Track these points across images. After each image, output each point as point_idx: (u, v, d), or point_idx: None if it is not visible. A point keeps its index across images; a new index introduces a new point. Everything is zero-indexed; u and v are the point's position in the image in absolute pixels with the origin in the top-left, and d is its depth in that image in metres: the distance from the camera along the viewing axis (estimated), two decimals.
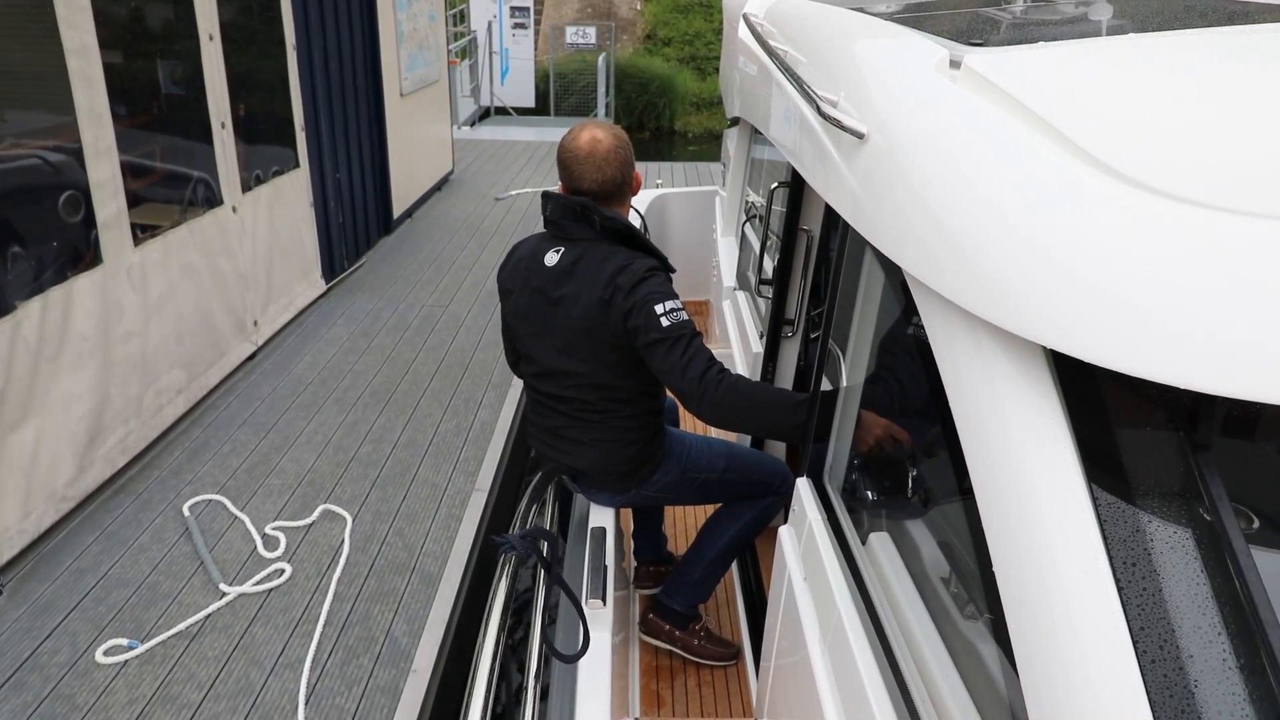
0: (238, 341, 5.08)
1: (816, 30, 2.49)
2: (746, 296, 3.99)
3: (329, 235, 6.38)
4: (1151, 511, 1.00)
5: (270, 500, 3.93)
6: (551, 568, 2.25)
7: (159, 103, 4.36)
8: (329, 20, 6.27)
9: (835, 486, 2.01)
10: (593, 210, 2.41)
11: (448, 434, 4.50)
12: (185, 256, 4.51)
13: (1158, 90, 1.32)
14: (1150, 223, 0.99)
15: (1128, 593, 0.96)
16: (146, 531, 3.70)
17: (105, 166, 3.82)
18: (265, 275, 5.39)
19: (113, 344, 3.95)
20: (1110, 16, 2.08)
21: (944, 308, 1.28)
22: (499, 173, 10.16)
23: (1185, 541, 0.98)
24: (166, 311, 4.35)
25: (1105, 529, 0.99)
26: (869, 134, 1.61)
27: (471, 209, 8.64)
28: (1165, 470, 1.03)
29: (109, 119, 3.83)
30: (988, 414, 1.16)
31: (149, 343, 4.22)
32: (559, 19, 19.70)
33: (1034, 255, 1.08)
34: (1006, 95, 1.34)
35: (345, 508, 3.88)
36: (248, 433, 4.48)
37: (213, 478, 4.08)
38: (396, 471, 4.17)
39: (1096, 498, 1.02)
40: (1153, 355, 0.94)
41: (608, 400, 2.51)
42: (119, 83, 3.97)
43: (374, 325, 5.82)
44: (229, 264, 4.94)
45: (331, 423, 4.59)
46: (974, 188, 1.25)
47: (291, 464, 4.21)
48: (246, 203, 5.11)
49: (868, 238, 1.59)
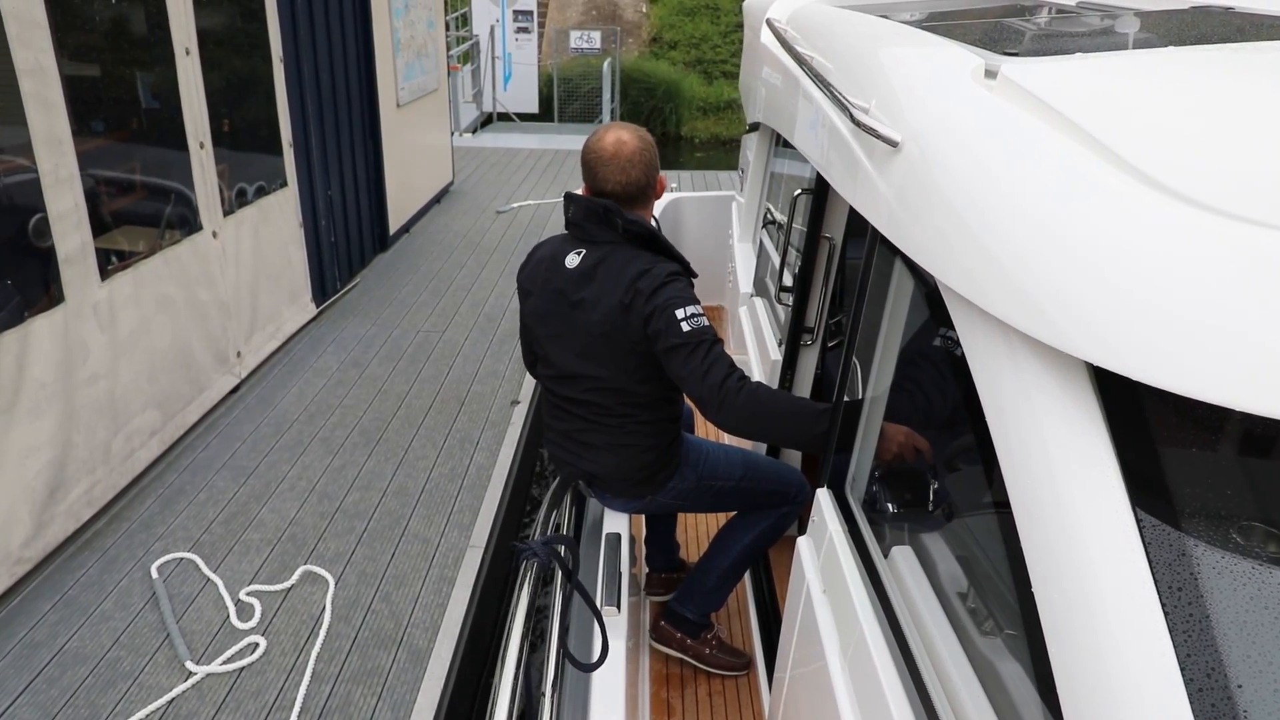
0: (219, 375, 4.77)
1: (845, 37, 2.45)
2: (764, 303, 3.93)
3: (320, 256, 6.06)
4: (1198, 535, 0.98)
5: (247, 559, 3.60)
6: (573, 576, 2.25)
7: (130, 124, 4.04)
8: (320, 30, 5.95)
9: (857, 498, 1.99)
10: (615, 213, 2.37)
11: (441, 480, 4.18)
12: (160, 288, 4.19)
13: (1201, 103, 1.29)
14: (1197, 237, 0.97)
15: (1174, 618, 0.93)
16: (110, 597, 3.38)
17: (66, 197, 3.51)
18: (250, 303, 5.07)
19: (76, 388, 3.64)
20: (1138, 30, 2.08)
21: (982, 321, 1.26)
22: (500, 183, 9.83)
23: (1233, 567, 0.96)
24: (138, 349, 4.03)
25: (1150, 553, 0.97)
26: (903, 142, 1.58)
27: (471, 223, 8.32)
28: (1212, 493, 1.01)
29: (70, 144, 3.51)
30: (1027, 431, 1.13)
31: (118, 384, 3.90)
32: (563, 22, 19.38)
33: (1077, 268, 1.06)
34: (1046, 105, 1.31)
35: (328, 568, 3.56)
36: (226, 478, 4.16)
37: (186, 531, 3.76)
38: (385, 524, 3.84)
39: (1141, 520, 0.99)
40: (1200, 373, 0.92)
41: (625, 405, 2.48)
42: (83, 104, 3.65)
43: (366, 353, 5.50)
44: (209, 293, 4.62)
45: (317, 466, 4.27)
46: (1014, 199, 1.22)
47: (272, 515, 3.89)
48: (229, 226, 4.80)
49: (901, 247, 1.56)
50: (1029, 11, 3.09)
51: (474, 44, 14.22)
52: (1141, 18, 2.26)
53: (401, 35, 7.49)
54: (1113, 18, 2.36)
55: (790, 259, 3.47)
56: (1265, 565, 0.96)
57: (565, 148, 11.66)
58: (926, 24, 2.41)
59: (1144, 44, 1.87)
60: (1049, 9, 3.01)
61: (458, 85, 12.33)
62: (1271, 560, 0.96)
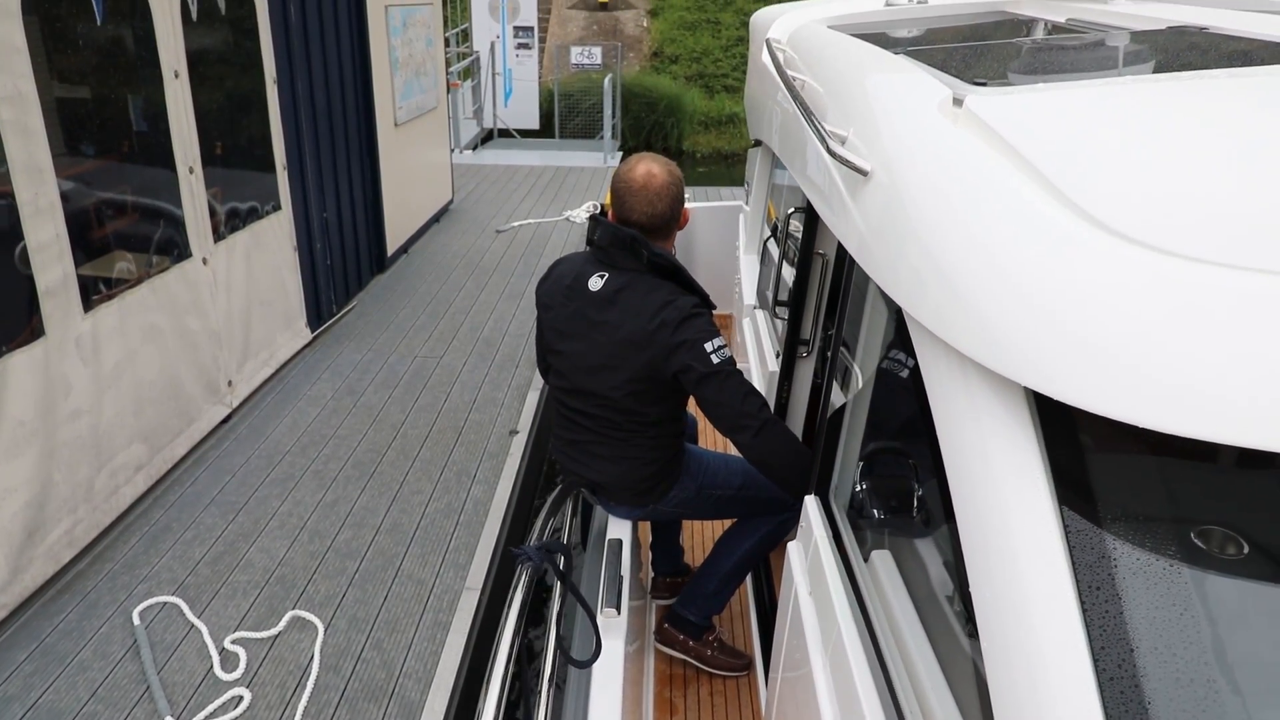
0: (210, 405, 4.63)
1: (833, 63, 2.53)
2: (765, 315, 4.04)
3: (315, 279, 5.93)
4: (1118, 537, 1.07)
5: (233, 603, 3.46)
6: (566, 579, 2.33)
7: (116, 149, 3.92)
8: (315, 50, 5.83)
9: (840, 504, 2.08)
10: (642, 244, 2.45)
11: (437, 516, 4.04)
12: (147, 318, 4.06)
13: (1148, 139, 1.36)
14: (1126, 271, 1.04)
15: (1091, 614, 1.02)
16: (89, 645, 3.23)
17: (47, 227, 3.38)
18: (242, 330, 4.93)
19: (57, 425, 3.50)
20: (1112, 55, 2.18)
21: (935, 343, 1.34)
22: (501, 201, 9.72)
23: (1148, 566, 1.04)
24: (124, 382, 3.90)
25: (1074, 555, 1.06)
26: (873, 171, 1.65)
27: (471, 242, 8.19)
28: (1132, 501, 1.11)
29: (51, 173, 3.38)
30: (970, 444, 1.23)
31: (102, 419, 3.77)
32: (564, 38, 19.32)
33: (1018, 299, 1.14)
34: (1001, 139, 1.38)
35: (317, 612, 3.41)
36: (214, 515, 4.01)
37: (170, 573, 3.61)
38: (378, 565, 3.70)
39: (1067, 525, 1.08)
40: (1124, 399, 0.99)
41: (633, 422, 2.57)
42: (65, 130, 3.53)
43: (361, 380, 5.36)
44: (199, 322, 4.49)
45: (308, 502, 4.13)
46: (966, 229, 1.29)
47: (261, 555, 3.74)
48: (219, 252, 4.67)
49: (868, 272, 1.63)
50: (1020, 28, 3.22)
51: (474, 60, 14.14)
52: (1120, 40, 2.38)
53: (399, 54, 7.38)
54: (1093, 40, 2.48)
55: (785, 274, 3.58)
56: (1177, 564, 1.05)
57: (566, 164, 11.55)
58: (915, 47, 2.50)
59: (1114, 71, 2.00)
60: (1043, 25, 3.16)
61: (458, 101, 12.23)
62: (1182, 560, 1.05)
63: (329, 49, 6.08)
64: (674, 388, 2.50)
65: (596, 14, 20.33)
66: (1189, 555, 1.05)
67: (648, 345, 2.40)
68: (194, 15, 4.38)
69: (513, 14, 14.72)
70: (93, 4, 3.70)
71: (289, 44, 5.44)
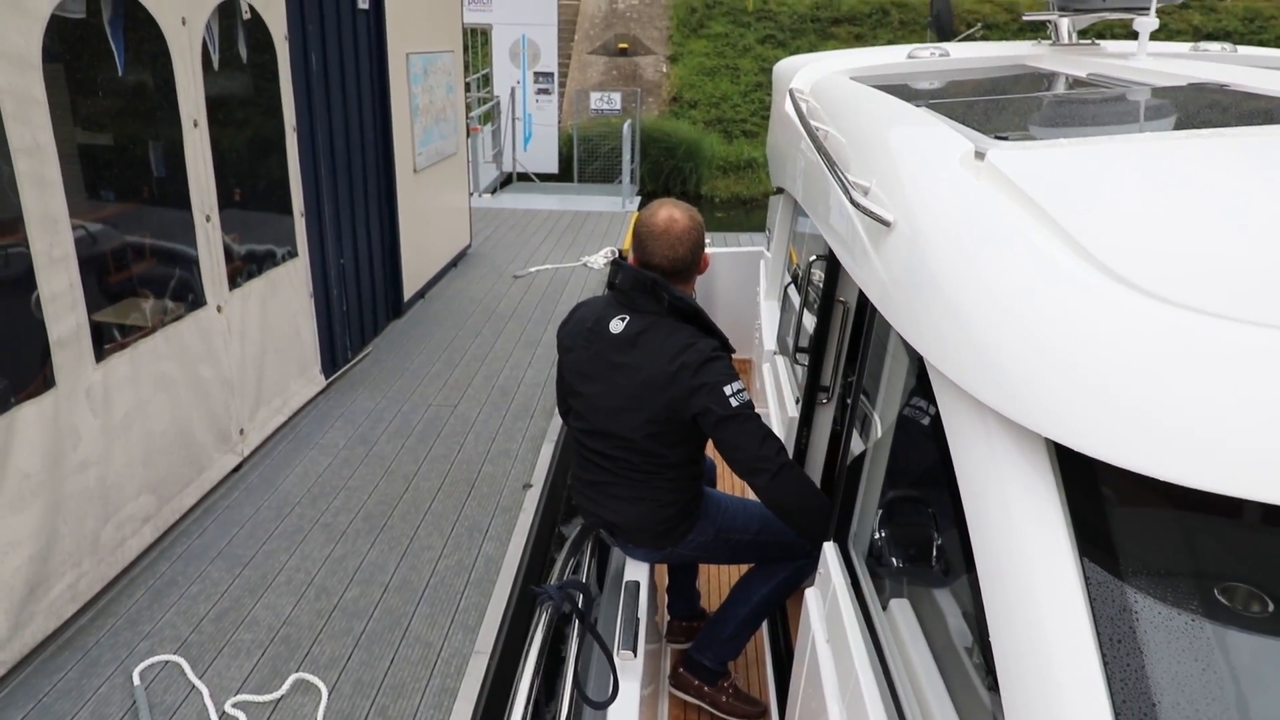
0: (220, 454, 4.57)
1: (856, 114, 2.57)
2: (785, 361, 4.07)
3: (331, 326, 5.90)
4: (1142, 592, 1.06)
5: (236, 663, 3.37)
6: (585, 619, 2.34)
7: (132, 198, 3.90)
8: (335, 97, 5.86)
9: (860, 551, 2.07)
10: (663, 288, 2.50)
11: (447, 573, 3.95)
12: (159, 367, 4.02)
13: (1169, 195, 1.37)
14: (1147, 325, 1.05)
15: (1112, 668, 1.01)
16: (87, 706, 3.14)
17: (60, 277, 3.35)
18: (255, 378, 4.89)
19: (64, 477, 3.45)
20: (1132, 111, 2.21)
21: (956, 392, 1.35)
22: (519, 246, 9.72)
23: (1169, 620, 1.03)
24: (134, 432, 3.85)
25: (1095, 608, 1.05)
26: (896, 222, 1.67)
27: (488, 288, 8.17)
28: (1153, 553, 1.10)
29: (66, 224, 3.36)
30: (991, 495, 1.23)
31: (110, 470, 3.71)
32: (584, 83, 19.50)
33: (1039, 351, 1.15)
34: (1022, 193, 1.40)
35: (322, 675, 3.31)
36: (221, 569, 3.94)
37: (174, 630, 3.53)
38: (385, 625, 3.60)
39: (1088, 578, 1.08)
40: (1145, 451, 1.00)
41: (652, 464, 2.58)
42: (82, 180, 3.52)
43: (374, 429, 5.30)
44: (212, 370, 4.45)
45: (316, 556, 4.05)
46: (987, 282, 1.31)
47: (266, 612, 3.66)
48: (234, 300, 4.64)
49: (890, 321, 1.64)
50: (1041, 82, 3.21)
51: (495, 105, 14.26)
52: (1140, 96, 2.41)
53: (420, 100, 7.42)
54: (1114, 95, 2.49)
55: (806, 320, 3.60)
56: (1200, 620, 1.04)
57: (585, 209, 11.57)
58: (937, 100, 2.52)
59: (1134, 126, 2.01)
60: (1064, 79, 3.16)
61: (478, 146, 12.31)
62: (1205, 615, 1.04)
63: (349, 96, 6.11)
64: (693, 430, 2.52)
65: (616, 59, 20.54)
66: (1212, 611, 1.04)
67: (668, 387, 2.44)
68: (215, 64, 4.40)
69: (533, 60, 14.87)
70: (114, 54, 3.71)
71: (309, 91, 5.46)
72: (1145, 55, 3.16)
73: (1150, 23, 3.07)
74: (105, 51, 3.67)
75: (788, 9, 21.70)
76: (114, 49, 3.72)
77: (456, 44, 8.58)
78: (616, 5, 21.63)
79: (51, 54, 3.30)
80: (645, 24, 21.28)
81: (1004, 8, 21.86)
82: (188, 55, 4.12)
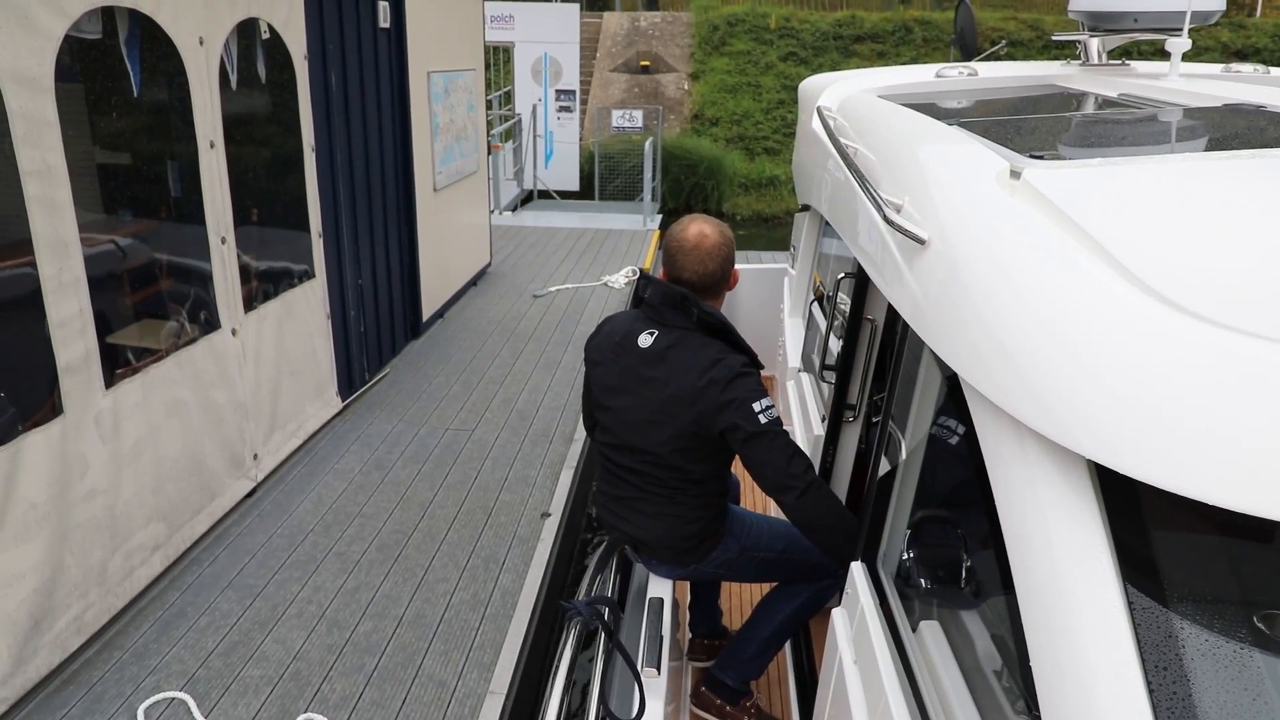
0: (233, 480, 4.49)
1: (886, 132, 2.55)
2: (810, 378, 4.03)
3: (348, 348, 5.82)
4: (1187, 619, 1.03)
5: (244, 701, 3.26)
6: (614, 635, 2.33)
7: (146, 220, 3.84)
8: (355, 117, 5.80)
9: (889, 572, 2.04)
10: (693, 303, 2.49)
11: (462, 607, 3.83)
12: (171, 393, 3.93)
13: (1210, 216, 1.35)
14: (1192, 346, 1.03)
15: (1158, 697, 0.97)
16: None
17: (70, 302, 3.27)
18: (270, 401, 4.81)
19: (71, 507, 3.36)
20: (1167, 131, 2.17)
21: (993, 412, 1.32)
22: (539, 265, 9.64)
23: (1217, 649, 1.00)
24: (144, 459, 3.76)
25: (1139, 634, 1.02)
26: (930, 240, 1.65)
27: (508, 308, 8.08)
28: (1201, 580, 1.08)
29: (78, 247, 3.29)
30: (1031, 517, 1.20)
31: (119, 498, 3.62)
32: (605, 100, 19.48)
33: (1082, 371, 1.12)
34: (1061, 212, 1.38)
35: (331, 715, 3.20)
36: (231, 600, 3.84)
37: (181, 664, 3.43)
38: (398, 661, 3.49)
39: (1132, 604, 1.04)
40: (1192, 474, 0.97)
41: (679, 479, 2.57)
42: (95, 202, 3.45)
43: (390, 453, 5.20)
44: (225, 394, 4.36)
45: (329, 588, 3.94)
46: (1027, 300, 1.28)
47: (276, 647, 3.55)
48: (250, 323, 4.56)
49: (925, 340, 1.61)
50: (1071, 102, 3.17)
51: (516, 122, 14.23)
52: (1175, 116, 2.36)
53: (441, 119, 7.36)
54: (1147, 115, 2.45)
55: (833, 339, 3.58)
56: (1248, 649, 1.01)
57: (605, 227, 11.49)
58: (967, 119, 2.48)
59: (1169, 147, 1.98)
60: (1094, 100, 3.13)
61: (499, 163, 12.26)
62: (1254, 644, 1.01)
63: (369, 115, 6.05)
64: (719, 446, 2.51)
65: (638, 77, 20.52)
66: (1260, 639, 1.01)
67: (696, 402, 2.43)
68: (233, 84, 4.34)
69: (555, 77, 14.85)
70: (130, 74, 3.65)
71: (329, 111, 5.40)
72: (1178, 76, 3.13)
73: (1183, 43, 3.05)
74: (120, 72, 3.61)
75: (810, 26, 21.64)
76: (129, 69, 3.66)
77: (478, 62, 8.54)
78: (638, 23, 21.63)
79: (65, 75, 3.23)
80: (667, 41, 21.27)
81: (1028, 25, 21.71)
82: (204, 75, 4.06)
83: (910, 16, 21.93)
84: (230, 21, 4.27)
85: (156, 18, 3.72)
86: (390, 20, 6.29)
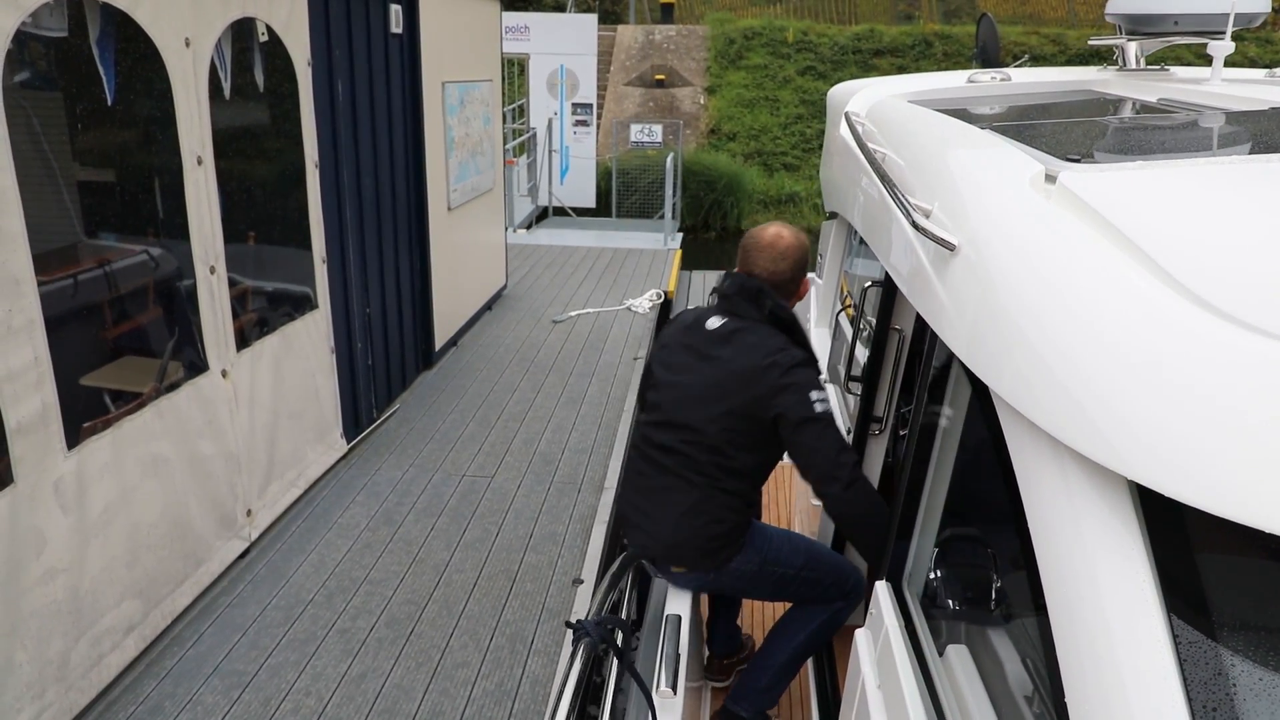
0: (223, 541, 3.94)
1: (915, 137, 2.51)
2: (836, 390, 3.88)
3: (354, 384, 5.28)
4: (1236, 652, 0.96)
5: None
6: (624, 656, 2.26)
7: (119, 249, 3.30)
8: (363, 130, 5.27)
9: (914, 592, 1.98)
10: (767, 295, 2.56)
11: (485, 703, 3.27)
12: (148, 448, 3.39)
13: (1258, 221, 1.29)
14: (1246, 361, 0.97)
15: None
16: None
17: (22, 350, 2.74)
18: (266, 449, 4.27)
19: (23, 593, 2.82)
20: (1209, 135, 2.10)
21: (1028, 428, 1.26)
22: (557, 286, 9.10)
23: (1272, 691, 0.93)
24: (115, 528, 3.22)
25: (1184, 668, 0.96)
26: (960, 246, 1.60)
27: (525, 334, 7.54)
28: (1251, 612, 1.00)
29: (32, 284, 2.76)
30: (1067, 540, 1.13)
31: (84, 576, 3.08)
32: (620, 114, 19.01)
33: (1125, 385, 1.06)
34: (1100, 217, 1.32)
35: None
36: (216, 690, 3.28)
37: None
38: None
39: (1177, 635, 0.98)
40: (1241, 497, 0.91)
41: (715, 466, 2.54)
42: (57, 231, 2.92)
43: (401, 505, 4.65)
44: (214, 445, 3.82)
45: (330, 674, 3.38)
46: (1065, 310, 1.22)
47: None
48: (242, 362, 4.03)
49: (954, 350, 1.56)
50: (1108, 107, 3.10)
51: (531, 136, 13.74)
52: (1218, 120, 2.27)
53: (456, 133, 6.85)
54: (1189, 119, 2.35)
55: (859, 349, 3.49)
56: None
57: (625, 246, 10.96)
58: (1001, 123, 2.40)
59: (1211, 151, 1.92)
60: (1131, 104, 3.05)
61: (512, 179, 11.75)
62: None
63: (379, 128, 5.52)
64: (764, 439, 2.51)
65: (653, 90, 20.06)
66: None
67: (756, 381, 2.46)
68: (226, 93, 3.81)
69: (571, 90, 14.38)
70: (102, 79, 3.12)
71: (334, 123, 4.87)
72: (1220, 80, 3.05)
73: (1226, 47, 2.98)
74: (91, 76, 3.09)
75: (828, 40, 21.19)
76: (102, 73, 3.14)
77: (495, 72, 8.02)
78: (653, 36, 21.19)
79: (19, 79, 2.71)
80: (682, 55, 20.81)
81: (1051, 39, 21.25)
82: (191, 82, 3.53)
83: (930, 30, 21.49)
84: (222, 21, 3.75)
85: (134, 14, 3.20)
86: (403, 25, 5.77)
